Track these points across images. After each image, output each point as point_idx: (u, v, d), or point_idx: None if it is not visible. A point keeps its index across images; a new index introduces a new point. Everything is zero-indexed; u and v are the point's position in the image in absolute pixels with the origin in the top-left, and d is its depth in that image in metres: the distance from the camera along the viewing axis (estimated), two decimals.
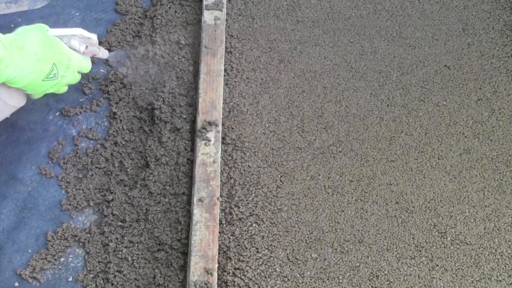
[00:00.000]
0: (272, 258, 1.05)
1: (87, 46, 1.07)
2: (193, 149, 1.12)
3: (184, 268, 1.02)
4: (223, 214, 1.07)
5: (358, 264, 1.06)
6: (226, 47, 1.26)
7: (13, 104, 1.01)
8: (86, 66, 1.08)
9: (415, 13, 1.39)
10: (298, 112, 1.21)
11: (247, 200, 1.09)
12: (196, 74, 1.21)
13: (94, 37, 1.08)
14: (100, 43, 1.27)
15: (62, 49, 1.01)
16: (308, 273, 1.04)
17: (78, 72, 1.08)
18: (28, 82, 0.96)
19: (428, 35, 1.36)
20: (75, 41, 1.04)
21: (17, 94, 1.01)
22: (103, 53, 1.13)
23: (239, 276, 1.01)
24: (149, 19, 1.29)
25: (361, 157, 1.17)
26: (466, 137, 1.22)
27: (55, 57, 0.99)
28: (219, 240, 1.04)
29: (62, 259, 1.04)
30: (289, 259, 1.05)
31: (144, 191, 1.09)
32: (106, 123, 1.19)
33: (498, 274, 1.07)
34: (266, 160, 1.14)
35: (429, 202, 1.14)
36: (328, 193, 1.12)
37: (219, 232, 1.05)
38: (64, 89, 1.08)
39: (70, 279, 1.02)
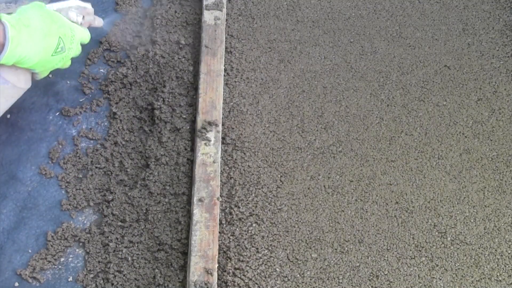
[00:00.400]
0: (272, 258, 1.04)
1: (83, 17, 1.08)
2: (193, 149, 1.12)
3: (184, 268, 1.02)
4: (223, 214, 1.07)
5: (358, 264, 1.06)
6: (226, 47, 1.26)
7: (21, 86, 1.01)
8: (87, 36, 1.09)
9: (415, 13, 1.39)
10: (298, 112, 1.21)
11: (247, 200, 1.09)
12: (196, 74, 1.21)
13: (89, 5, 1.10)
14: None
15: (63, 22, 1.02)
16: (308, 273, 1.04)
17: (80, 43, 1.08)
18: (39, 59, 0.97)
19: (428, 35, 1.36)
20: (72, 12, 1.06)
21: (24, 76, 1.01)
22: (98, 22, 1.14)
23: (239, 276, 1.01)
24: (149, 19, 1.29)
25: (361, 157, 1.17)
26: (466, 137, 1.22)
27: (59, 30, 0.99)
28: (219, 240, 1.04)
29: (62, 259, 1.04)
30: (289, 259, 1.05)
31: (144, 191, 1.09)
32: (106, 123, 1.19)
33: (498, 274, 1.07)
34: (266, 160, 1.14)
35: (429, 202, 1.14)
36: (328, 193, 1.12)
37: (219, 232, 1.05)
38: (69, 63, 1.08)
39: (70, 279, 1.02)
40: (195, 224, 1.01)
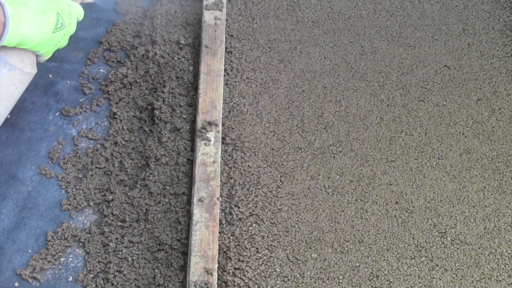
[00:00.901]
0: (272, 258, 1.05)
1: None
2: (193, 149, 1.12)
3: (184, 268, 1.02)
4: (223, 214, 1.07)
5: (358, 264, 1.06)
6: (226, 47, 1.26)
7: (28, 71, 1.02)
8: (81, 12, 1.09)
9: (415, 13, 1.39)
10: (298, 112, 1.21)
11: (247, 200, 1.09)
12: (196, 74, 1.21)
13: None
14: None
15: None
16: (308, 273, 1.04)
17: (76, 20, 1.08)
18: (41, 37, 0.97)
19: (428, 35, 1.36)
20: None
21: (29, 59, 1.01)
22: None
23: (239, 276, 1.01)
24: (149, 19, 1.29)
25: (361, 157, 1.17)
26: (466, 137, 1.22)
27: (56, 6, 1.00)
28: (219, 240, 1.04)
29: (62, 259, 1.04)
30: (289, 259, 1.05)
31: (144, 191, 1.09)
32: (106, 123, 1.19)
33: (498, 274, 1.07)
34: (266, 160, 1.14)
35: (429, 202, 1.14)
36: (328, 193, 1.12)
37: (219, 232, 1.05)
38: (66, 42, 1.07)
39: (70, 279, 1.02)
40: (195, 224, 1.01)
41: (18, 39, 0.93)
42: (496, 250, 1.09)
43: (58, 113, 1.19)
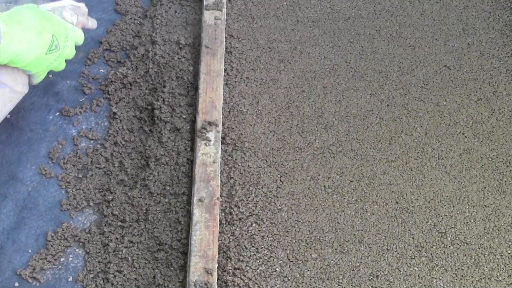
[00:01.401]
0: (272, 258, 1.04)
1: (78, 17, 1.07)
2: (193, 149, 1.12)
3: (184, 268, 1.02)
4: (223, 214, 1.07)
5: (358, 264, 1.06)
6: (226, 47, 1.26)
7: (19, 90, 1.01)
8: (80, 36, 1.08)
9: (415, 13, 1.39)
10: (298, 112, 1.21)
11: (247, 200, 1.09)
12: (196, 74, 1.21)
13: (83, 5, 1.09)
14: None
15: (57, 20, 1.02)
16: (308, 273, 1.04)
17: (74, 44, 1.08)
18: (34, 57, 0.96)
19: (428, 35, 1.36)
20: (66, 12, 1.05)
21: (21, 79, 1.01)
22: (92, 23, 1.13)
23: (239, 276, 1.01)
24: (149, 19, 1.30)
25: (361, 157, 1.17)
26: (466, 137, 1.22)
27: (53, 28, 0.99)
28: (219, 240, 1.04)
29: (62, 259, 1.04)
30: (289, 259, 1.05)
31: (144, 191, 1.09)
32: (106, 123, 1.19)
33: (498, 274, 1.07)
34: (266, 160, 1.14)
35: (429, 202, 1.14)
36: (328, 193, 1.12)
37: (219, 232, 1.05)
38: (63, 65, 1.07)
39: (70, 279, 1.02)
40: (195, 224, 1.01)
41: (10, 56, 0.92)
42: (496, 250, 1.09)
43: (58, 113, 1.19)
